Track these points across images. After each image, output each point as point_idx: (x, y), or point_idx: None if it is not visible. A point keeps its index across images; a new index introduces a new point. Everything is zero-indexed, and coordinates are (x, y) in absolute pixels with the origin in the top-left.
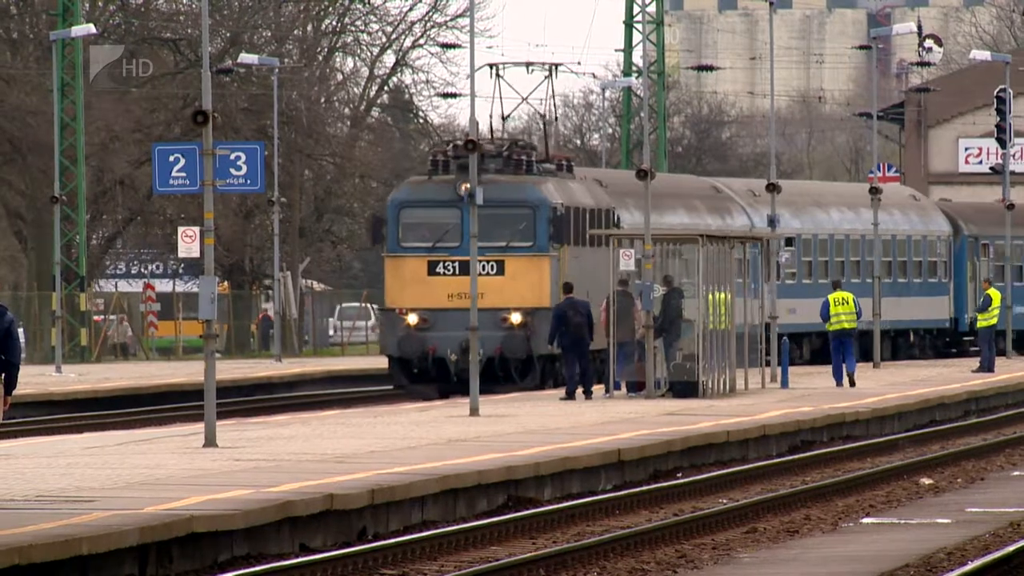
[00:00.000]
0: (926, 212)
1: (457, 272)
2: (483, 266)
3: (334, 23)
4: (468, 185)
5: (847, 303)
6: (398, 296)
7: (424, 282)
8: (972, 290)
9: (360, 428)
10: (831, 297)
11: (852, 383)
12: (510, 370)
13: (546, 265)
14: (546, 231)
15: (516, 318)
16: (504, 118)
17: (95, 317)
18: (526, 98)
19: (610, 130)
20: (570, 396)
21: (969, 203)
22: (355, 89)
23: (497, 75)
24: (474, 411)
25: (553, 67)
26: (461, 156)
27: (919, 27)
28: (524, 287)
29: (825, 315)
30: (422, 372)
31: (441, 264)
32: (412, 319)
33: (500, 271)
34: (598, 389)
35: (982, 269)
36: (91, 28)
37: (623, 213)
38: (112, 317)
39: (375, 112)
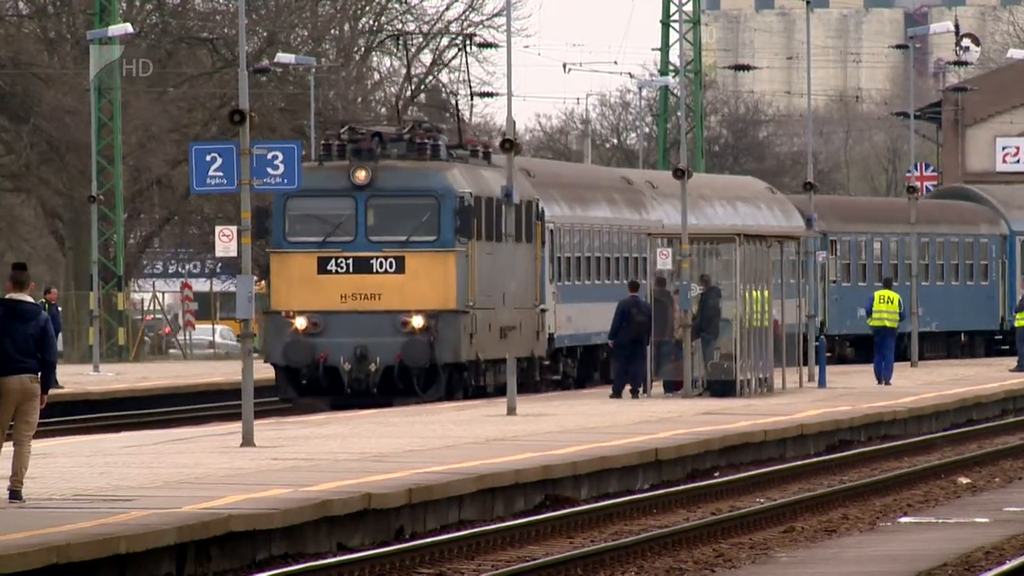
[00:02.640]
0: (785, 206)
1: (351, 270)
2: (380, 263)
3: (371, 22)
4: (364, 172)
5: (891, 302)
6: (284, 297)
7: (313, 282)
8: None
9: (398, 427)
10: (877, 294)
11: (888, 381)
12: (411, 380)
13: (451, 262)
14: (452, 224)
15: (418, 322)
16: (413, 97)
17: (147, 316)
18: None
19: (647, 129)
20: (617, 395)
21: (820, 197)
22: (392, 88)
23: (406, 49)
24: (511, 410)
25: (467, 38)
26: (357, 139)
27: (956, 26)
28: (427, 287)
29: (869, 311)
30: (312, 383)
31: (333, 261)
32: (300, 323)
33: (400, 269)
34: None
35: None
36: (128, 27)
37: (549, 205)
38: (159, 316)
39: (412, 111)
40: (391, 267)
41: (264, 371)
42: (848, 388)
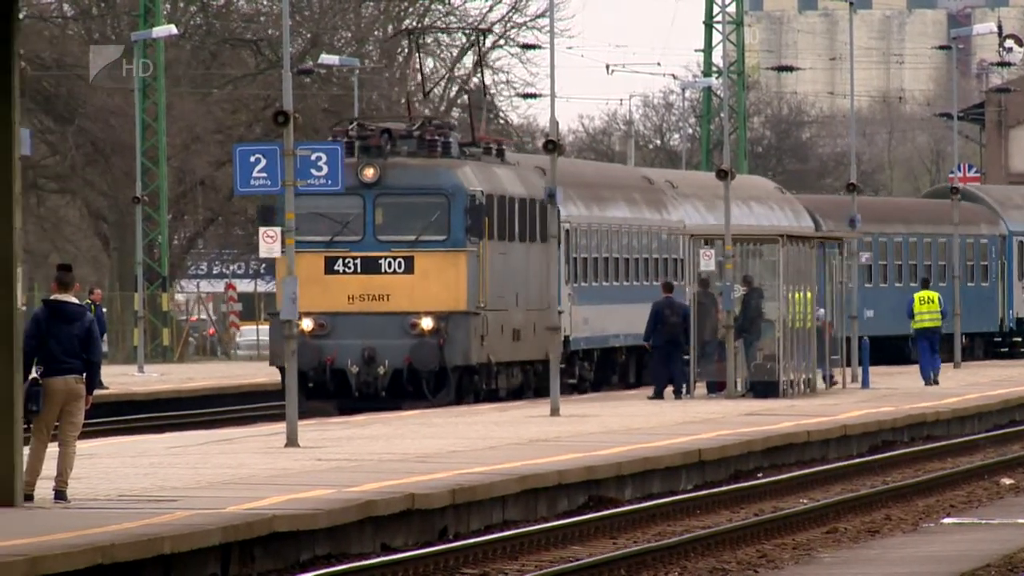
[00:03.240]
0: (794, 206)
1: (359, 270)
2: (388, 263)
3: (414, 23)
4: (372, 170)
5: (932, 302)
6: None
7: (320, 282)
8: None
9: (441, 428)
10: (917, 296)
11: (935, 381)
12: (421, 384)
13: (462, 262)
14: (462, 223)
15: (427, 324)
16: (426, 94)
17: (192, 317)
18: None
19: (690, 130)
20: (658, 396)
21: (825, 197)
22: (435, 90)
23: (416, 44)
24: (555, 411)
25: (480, 34)
26: (365, 136)
27: (999, 27)
28: (437, 287)
29: (910, 313)
30: (319, 386)
31: (340, 261)
32: (307, 325)
33: (409, 269)
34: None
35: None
36: (172, 29)
37: (566, 205)
38: (204, 317)
39: (455, 112)
40: (400, 267)
41: (271, 374)
42: (891, 389)
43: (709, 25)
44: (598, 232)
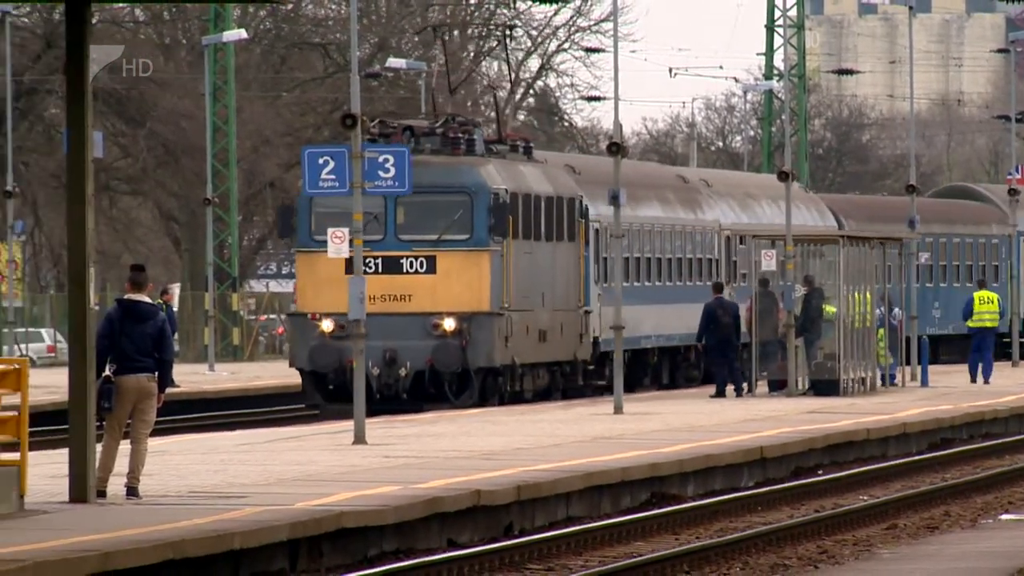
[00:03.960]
0: (819, 206)
1: (381, 270)
2: (410, 263)
3: (480, 28)
4: None
5: (991, 302)
6: (311, 299)
7: (341, 282)
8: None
9: (506, 426)
10: (976, 296)
11: (986, 380)
12: (443, 385)
13: (485, 262)
14: (485, 221)
15: (449, 324)
16: (452, 91)
17: (261, 316)
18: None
19: (752, 133)
20: (720, 394)
21: (846, 197)
22: (501, 93)
23: (441, 40)
24: (618, 409)
25: (507, 28)
26: (387, 133)
27: None
28: (459, 288)
29: (968, 313)
30: (339, 388)
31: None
32: (327, 326)
33: (431, 269)
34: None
35: None
36: (242, 33)
37: (596, 203)
38: (273, 316)
39: (521, 115)
40: (422, 267)
41: (291, 376)
42: (949, 387)
43: (771, 29)
44: (629, 231)
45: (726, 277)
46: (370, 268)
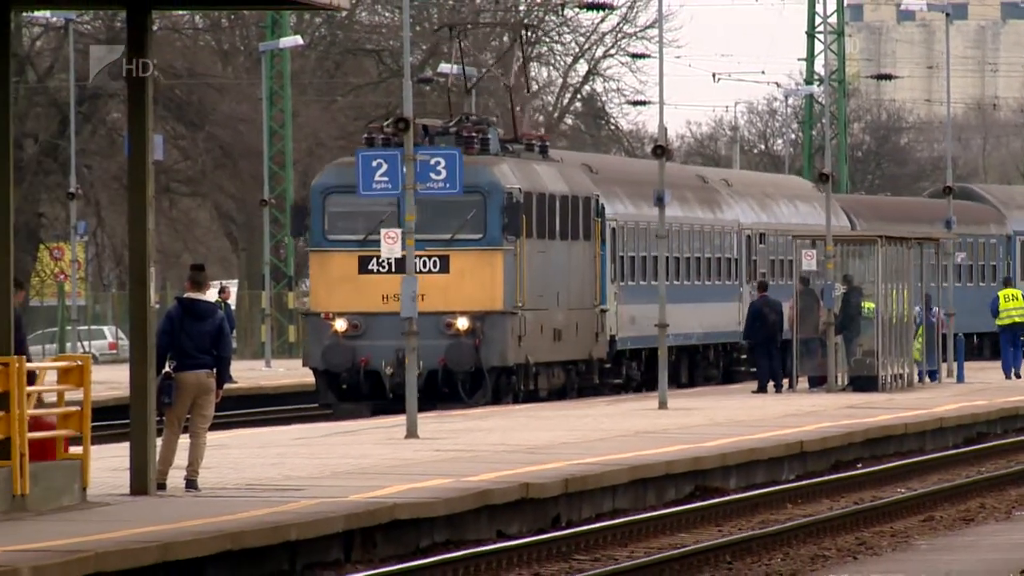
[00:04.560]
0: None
1: (393, 270)
2: (423, 262)
3: (529, 34)
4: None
5: (1017, 299)
6: (324, 298)
7: (354, 282)
8: None
9: (553, 420)
10: (1001, 293)
11: (1018, 375)
12: (456, 385)
13: (498, 261)
14: (499, 221)
15: (463, 324)
16: (468, 90)
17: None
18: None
19: (793, 136)
20: (762, 390)
21: (857, 197)
22: (549, 97)
23: (457, 40)
24: (662, 404)
25: (523, 28)
26: (401, 133)
27: None
28: (472, 287)
29: (995, 310)
30: (352, 387)
31: (374, 261)
32: (340, 325)
33: (444, 268)
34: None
35: None
36: (298, 40)
37: (612, 203)
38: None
39: (568, 119)
40: (435, 267)
41: (304, 375)
42: (984, 383)
43: (811, 35)
44: (647, 230)
45: (746, 276)
46: (383, 268)
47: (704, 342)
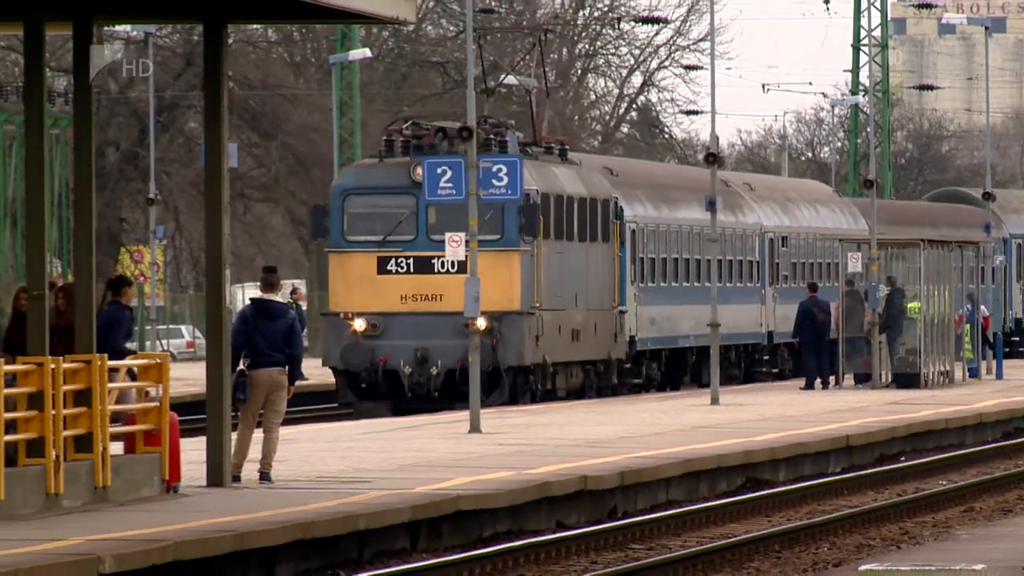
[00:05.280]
0: (851, 209)
1: (412, 270)
2: (441, 263)
3: (587, 47)
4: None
5: None
6: (343, 298)
7: (373, 282)
8: None
9: (610, 416)
10: None
11: None
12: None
13: (516, 261)
14: (516, 222)
15: (480, 323)
16: (489, 94)
17: None
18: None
19: (839, 144)
20: (809, 387)
21: (877, 202)
22: (606, 107)
23: (479, 44)
24: (714, 400)
25: (542, 32)
26: (420, 135)
27: None
28: (490, 287)
29: None
30: (371, 387)
31: (393, 261)
32: (359, 325)
33: (462, 269)
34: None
35: None
36: (367, 52)
37: (632, 205)
38: None
39: (624, 128)
40: (453, 267)
41: (324, 375)
42: (1022, 380)
43: (856, 48)
44: (666, 233)
45: (769, 278)
46: (402, 268)
47: (726, 343)
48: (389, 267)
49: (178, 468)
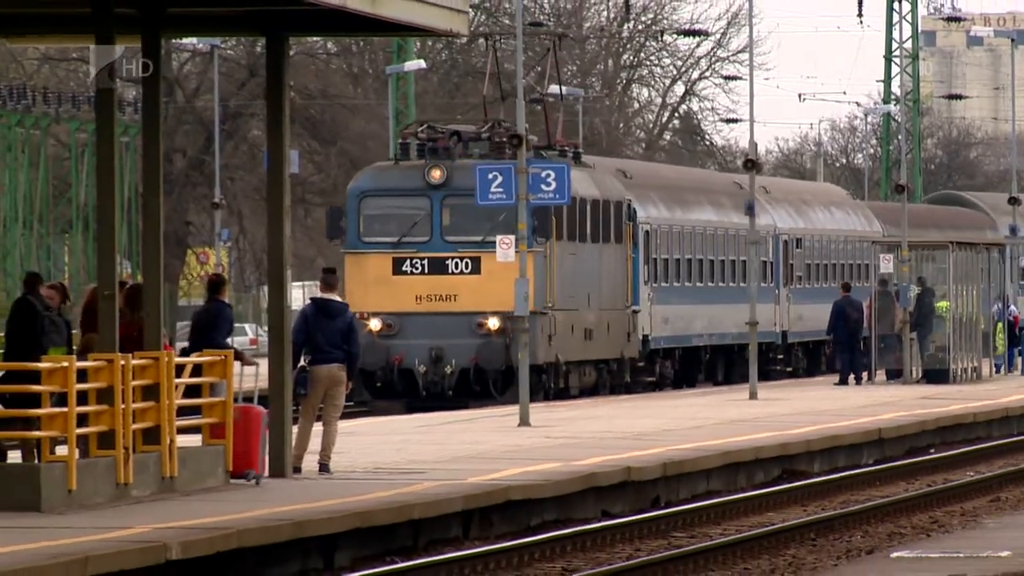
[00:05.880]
0: (865, 211)
1: (426, 271)
2: (455, 264)
3: (631, 58)
4: (439, 171)
5: None
6: (359, 298)
7: (388, 282)
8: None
9: (653, 410)
10: None
11: None
12: (487, 383)
13: (528, 263)
14: (529, 224)
15: (494, 323)
16: (504, 98)
17: None
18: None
19: (872, 150)
20: (843, 382)
21: (882, 204)
22: (649, 116)
23: (493, 48)
24: (753, 395)
25: (557, 38)
26: (434, 138)
27: None
28: (503, 288)
29: None
30: (386, 385)
31: (408, 262)
32: (375, 325)
33: (476, 270)
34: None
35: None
36: (421, 63)
37: (645, 207)
38: None
39: (667, 136)
40: (467, 268)
41: None
42: None
43: (888, 59)
44: (680, 234)
45: (783, 279)
46: (417, 269)
47: (739, 342)
48: (404, 268)
49: (261, 459)
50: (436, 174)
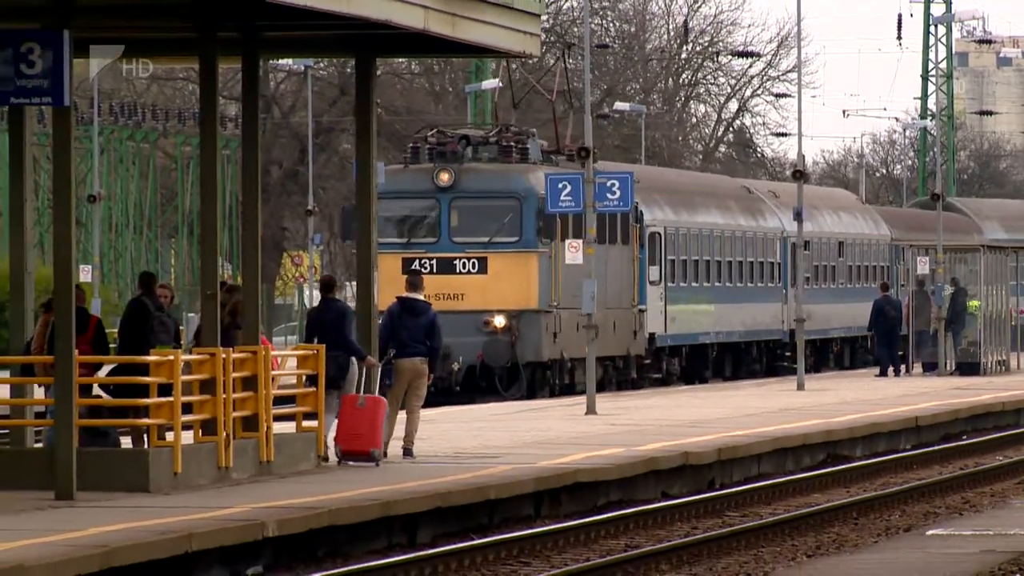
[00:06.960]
0: (873, 216)
1: (435, 270)
2: (463, 263)
3: (690, 77)
4: (447, 174)
5: None
6: None
7: (398, 281)
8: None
9: (708, 400)
10: None
11: None
12: (493, 379)
13: (533, 263)
14: (534, 225)
15: (499, 321)
16: (515, 105)
17: None
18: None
19: (909, 162)
20: (883, 374)
21: (890, 209)
22: (706, 130)
23: (507, 62)
24: (800, 386)
25: (567, 47)
26: (443, 142)
27: None
28: (509, 287)
29: None
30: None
31: (417, 262)
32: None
33: (482, 269)
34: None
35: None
36: (496, 82)
37: (651, 210)
38: None
39: (722, 148)
40: (474, 268)
41: None
42: None
43: (925, 78)
44: (687, 236)
45: (791, 280)
46: (425, 269)
47: (747, 339)
48: (413, 267)
49: (382, 440)
50: (444, 177)
